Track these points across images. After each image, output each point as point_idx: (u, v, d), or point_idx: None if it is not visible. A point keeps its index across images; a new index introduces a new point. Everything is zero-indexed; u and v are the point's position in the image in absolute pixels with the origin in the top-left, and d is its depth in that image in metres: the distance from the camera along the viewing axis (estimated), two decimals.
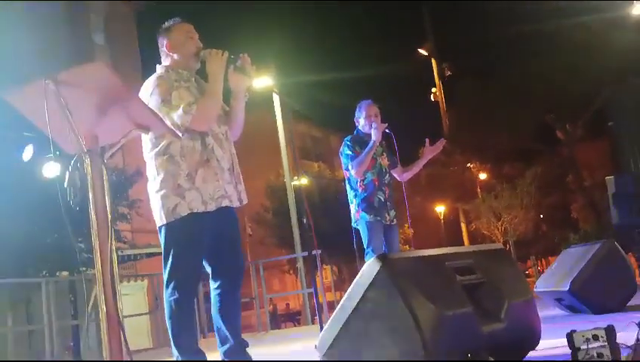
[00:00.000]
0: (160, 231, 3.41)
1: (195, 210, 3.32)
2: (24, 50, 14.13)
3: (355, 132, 5.40)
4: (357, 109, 5.41)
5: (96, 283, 2.21)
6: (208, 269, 3.53)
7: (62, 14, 18.61)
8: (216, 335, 3.54)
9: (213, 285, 3.52)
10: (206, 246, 3.42)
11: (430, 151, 5.42)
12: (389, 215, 5.20)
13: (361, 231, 5.19)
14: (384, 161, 5.34)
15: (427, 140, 5.43)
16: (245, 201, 3.61)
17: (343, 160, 5.30)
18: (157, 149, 3.40)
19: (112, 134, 2.30)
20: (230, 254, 3.52)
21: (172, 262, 3.34)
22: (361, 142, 5.26)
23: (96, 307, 2.23)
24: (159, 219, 3.40)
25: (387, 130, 5.31)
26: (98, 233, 2.23)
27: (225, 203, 3.41)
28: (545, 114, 24.51)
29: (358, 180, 5.22)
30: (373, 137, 5.16)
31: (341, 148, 5.33)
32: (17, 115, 2.33)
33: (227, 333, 3.48)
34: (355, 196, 5.23)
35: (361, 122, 5.36)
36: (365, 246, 5.10)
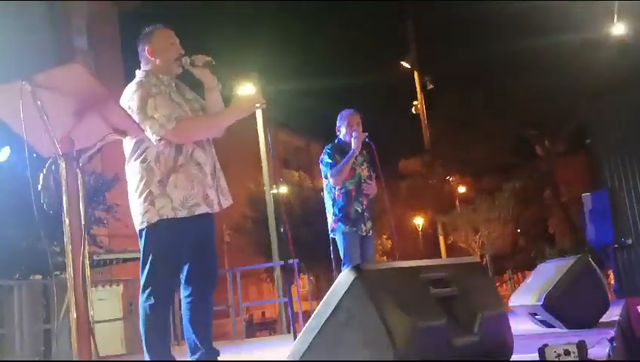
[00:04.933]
0: (139, 236, 3.39)
1: (165, 217, 3.28)
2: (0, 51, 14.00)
3: (336, 141, 5.38)
4: (338, 118, 5.38)
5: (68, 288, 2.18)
6: (181, 275, 3.50)
7: (42, 17, 18.49)
8: (187, 343, 3.51)
9: (184, 292, 3.47)
10: (183, 252, 3.40)
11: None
12: (365, 226, 5.17)
13: (337, 242, 5.16)
14: (364, 172, 5.30)
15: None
16: (229, 203, 3.56)
17: (322, 168, 5.27)
18: (135, 155, 3.38)
19: (88, 138, 2.28)
20: (204, 262, 3.48)
21: (149, 268, 3.31)
22: (341, 150, 5.23)
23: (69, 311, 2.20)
24: (137, 224, 3.39)
25: (367, 140, 5.28)
26: (71, 237, 2.20)
27: (200, 211, 3.36)
28: (524, 129, 24.79)
29: (336, 189, 5.19)
30: (353, 146, 5.15)
31: (321, 156, 5.29)
32: None
33: (197, 342, 3.45)
34: (333, 205, 5.20)
35: (342, 131, 5.33)
36: (342, 257, 5.07)
